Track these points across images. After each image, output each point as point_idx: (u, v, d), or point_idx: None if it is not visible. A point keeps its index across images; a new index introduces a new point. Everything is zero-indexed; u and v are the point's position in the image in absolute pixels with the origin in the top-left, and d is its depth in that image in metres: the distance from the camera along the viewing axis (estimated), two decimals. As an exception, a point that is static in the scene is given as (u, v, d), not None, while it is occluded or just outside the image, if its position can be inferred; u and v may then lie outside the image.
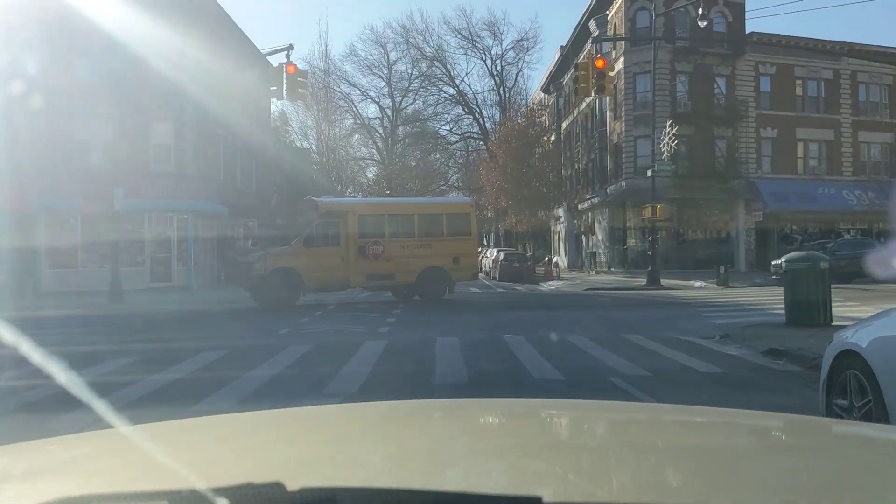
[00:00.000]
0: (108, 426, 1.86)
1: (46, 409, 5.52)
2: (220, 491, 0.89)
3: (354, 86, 60.18)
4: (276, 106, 74.14)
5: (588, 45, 39.74)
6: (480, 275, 40.31)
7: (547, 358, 8.81)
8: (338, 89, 55.49)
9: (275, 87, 16.43)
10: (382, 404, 2.22)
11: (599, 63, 15.42)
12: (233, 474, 1.23)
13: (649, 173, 26.98)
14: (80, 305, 17.78)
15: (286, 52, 16.46)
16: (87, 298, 20.42)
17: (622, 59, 35.14)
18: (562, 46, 49.18)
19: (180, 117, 27.23)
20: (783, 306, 15.60)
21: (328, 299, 20.21)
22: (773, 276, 26.46)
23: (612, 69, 16.18)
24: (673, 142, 26.73)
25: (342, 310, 16.57)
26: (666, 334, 11.71)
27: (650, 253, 26.85)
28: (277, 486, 0.92)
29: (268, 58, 22.89)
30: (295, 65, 16.28)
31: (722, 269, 25.65)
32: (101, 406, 3.04)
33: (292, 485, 0.94)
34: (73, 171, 25.50)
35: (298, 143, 50.18)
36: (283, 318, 14.02)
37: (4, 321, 6.72)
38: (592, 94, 16.07)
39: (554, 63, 51.37)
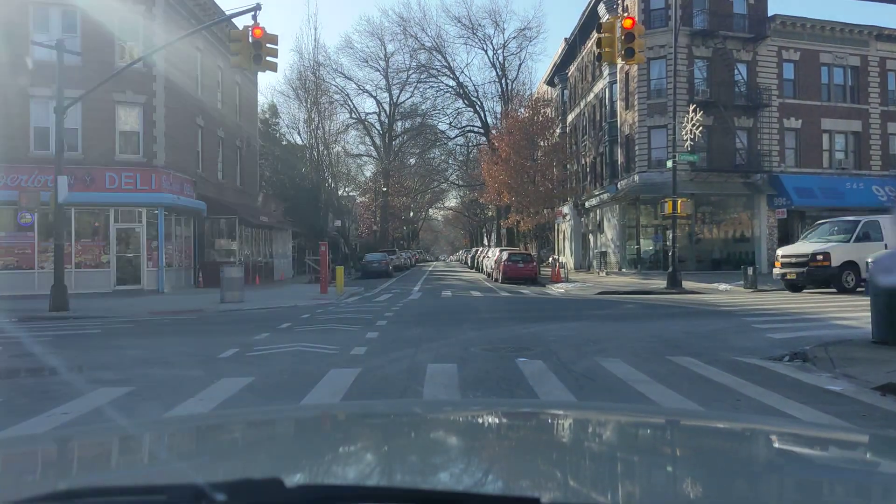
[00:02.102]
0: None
1: None
2: (219, 486, 0.87)
3: (350, 79, 57.77)
4: (265, 97, 71.86)
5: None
6: (481, 276, 38.11)
7: (581, 400, 6.19)
8: (333, 82, 53.01)
9: (238, 55, 13.68)
10: (381, 403, 2.46)
11: (627, 22, 12.73)
12: (231, 470, 1.28)
13: (669, 164, 24.32)
14: (7, 311, 15.06)
15: (252, 12, 13.77)
16: (32, 303, 17.80)
17: (635, 43, 32.51)
18: (566, 38, 46.65)
19: (149, 101, 24.57)
20: (851, 317, 13.29)
21: (310, 305, 17.56)
22: (808, 279, 23.92)
23: (642, 31, 13.49)
24: (697, 128, 24.04)
25: (317, 320, 13.90)
26: (721, 355, 9.10)
27: (671, 252, 24.19)
28: (276, 483, 0.90)
29: (234, 20, 20.14)
30: (262, 28, 13.58)
31: (750, 271, 23.03)
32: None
33: (290, 481, 0.93)
34: (27, 160, 22.93)
35: (289, 138, 47.59)
36: (239, 334, 11.37)
37: None
38: (619, 61, 13.43)
39: (559, 54, 48.85)
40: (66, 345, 10.08)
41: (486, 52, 55.89)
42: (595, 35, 13.45)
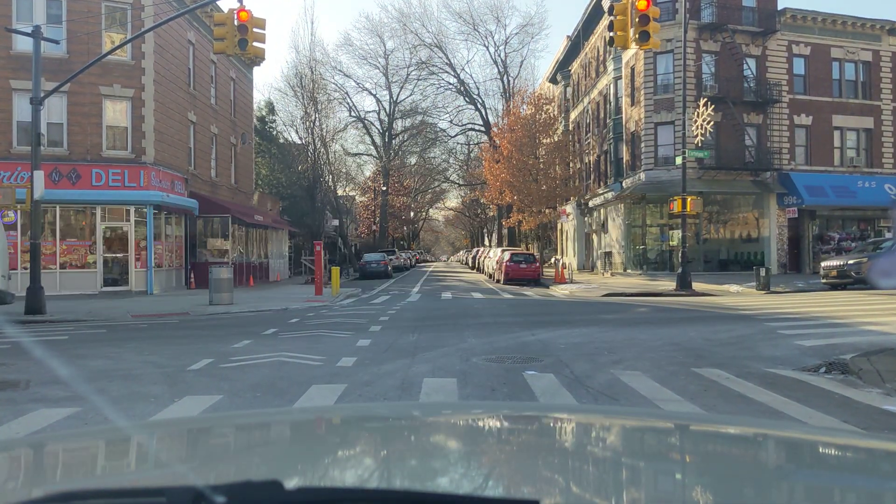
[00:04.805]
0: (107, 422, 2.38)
1: None
2: (219, 488, 0.87)
3: (349, 76, 56.84)
4: (261, 94, 70.75)
5: (601, 26, 36.17)
6: (482, 277, 37.15)
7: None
8: (332, 80, 52.08)
9: (223, 40, 12.71)
10: (382, 405, 2.41)
11: (642, 3, 11.74)
12: (230, 472, 1.28)
13: (678, 161, 23.37)
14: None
15: (238, -6, 12.80)
16: (10, 305, 16.85)
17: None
18: (568, 36, 45.75)
19: (138, 95, 23.62)
20: (882, 321, 12.33)
21: (302, 308, 16.63)
22: (823, 281, 22.91)
23: (657, 14, 12.53)
24: (708, 123, 23.07)
25: (306, 325, 12.93)
26: (751, 366, 8.20)
27: (680, 253, 23.25)
28: (275, 485, 0.89)
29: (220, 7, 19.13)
30: (249, 10, 12.63)
31: (762, 272, 22.10)
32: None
33: (289, 484, 0.93)
34: (10, 156, 21.99)
35: (286, 136, 46.61)
36: (219, 340, 10.42)
37: None
38: (632, 45, 12.47)
39: (561, 51, 47.95)
40: (25, 354, 9.13)
41: (487, 48, 55.05)
42: (607, 18, 12.61)
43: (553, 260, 35.07)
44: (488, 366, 7.87)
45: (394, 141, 57.81)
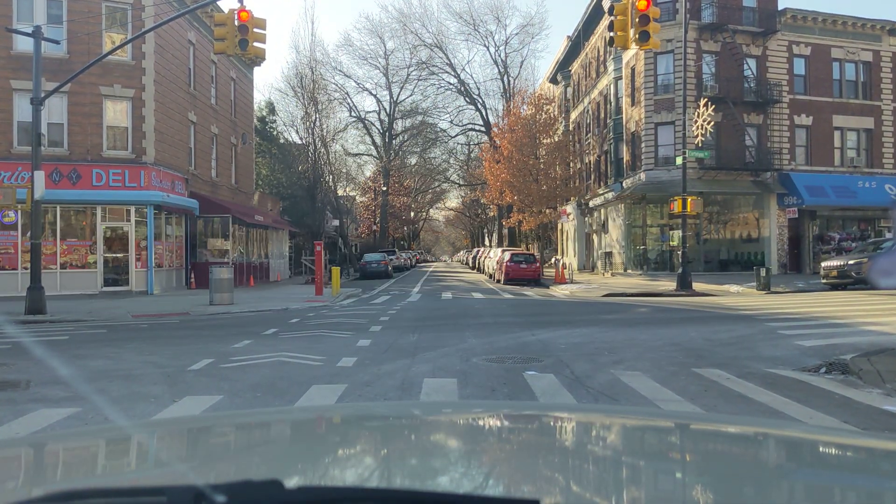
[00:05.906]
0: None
1: None
2: (219, 488, 0.86)
3: (349, 77, 56.86)
4: (262, 95, 70.71)
5: (602, 25, 36.18)
6: (483, 277, 37.16)
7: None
8: (332, 80, 52.09)
9: (223, 40, 12.71)
10: (382, 404, 2.38)
11: (642, 3, 11.75)
12: (230, 471, 1.29)
13: (679, 161, 23.37)
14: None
15: (239, -6, 12.79)
16: (11, 306, 16.88)
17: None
18: (568, 36, 45.78)
19: (138, 95, 23.62)
20: (883, 321, 12.35)
21: (302, 308, 16.61)
22: (824, 282, 22.89)
23: (657, 14, 12.55)
24: (709, 123, 23.05)
25: (306, 325, 12.93)
26: (751, 366, 8.21)
27: (680, 253, 23.25)
28: (275, 484, 0.89)
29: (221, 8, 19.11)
30: (249, 11, 12.63)
31: (763, 272, 22.09)
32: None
33: (290, 483, 0.93)
34: (10, 156, 22.00)
35: (287, 136, 46.61)
36: (219, 340, 10.41)
37: None
38: (632, 45, 12.47)
39: (562, 51, 47.98)
40: (26, 354, 9.13)
41: (487, 48, 55.16)
42: (607, 18, 12.63)
43: (553, 260, 35.06)
44: (488, 366, 7.87)
45: (394, 141, 57.82)
